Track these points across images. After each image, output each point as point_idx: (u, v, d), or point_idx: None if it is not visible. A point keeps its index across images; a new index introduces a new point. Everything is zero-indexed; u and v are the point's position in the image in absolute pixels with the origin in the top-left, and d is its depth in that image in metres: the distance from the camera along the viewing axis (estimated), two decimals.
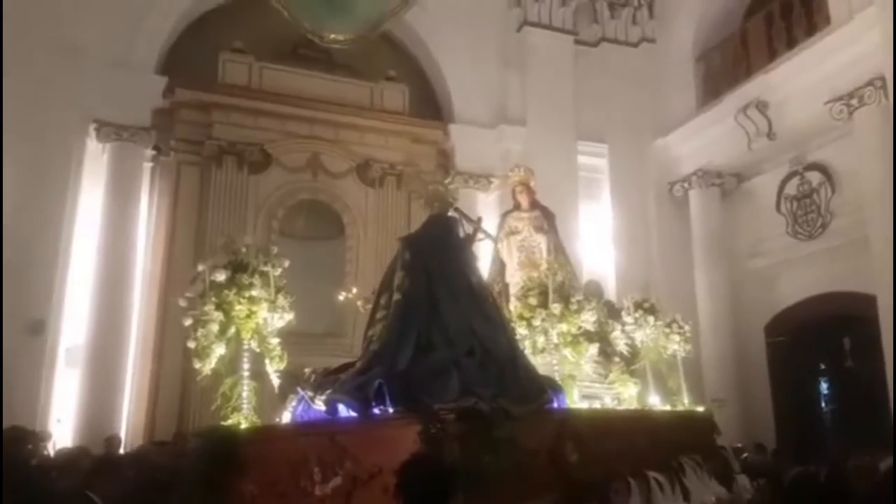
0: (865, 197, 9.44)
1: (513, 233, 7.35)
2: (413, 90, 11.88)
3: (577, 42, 12.63)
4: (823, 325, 10.69)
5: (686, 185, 12.04)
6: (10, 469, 5.14)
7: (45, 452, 7.46)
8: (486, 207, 11.06)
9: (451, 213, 5.67)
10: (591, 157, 12.41)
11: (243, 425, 4.83)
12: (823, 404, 11.27)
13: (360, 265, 10.58)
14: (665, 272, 11.97)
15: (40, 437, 7.46)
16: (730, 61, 11.71)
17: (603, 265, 12.04)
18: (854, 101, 9.41)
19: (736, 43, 11.67)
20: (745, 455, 8.76)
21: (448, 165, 11.66)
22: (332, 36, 10.32)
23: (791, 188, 11.12)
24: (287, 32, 10.66)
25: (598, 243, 12.14)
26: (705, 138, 11.71)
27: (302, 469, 4.05)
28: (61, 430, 9.09)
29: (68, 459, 5.96)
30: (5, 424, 6.61)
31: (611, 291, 11.60)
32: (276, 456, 4.37)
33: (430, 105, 12.36)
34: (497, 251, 7.20)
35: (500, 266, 7.19)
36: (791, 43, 10.54)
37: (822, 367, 11.13)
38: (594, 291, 11.68)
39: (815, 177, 10.84)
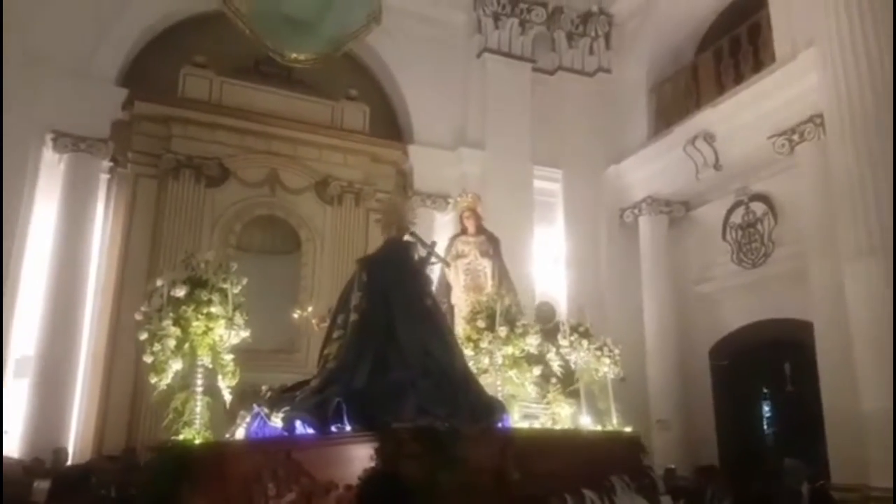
0: (805, 228, 9.86)
1: (459, 256, 7.50)
2: (374, 110, 12.13)
3: (535, 69, 13.04)
4: (765, 349, 11.07)
5: (636, 211, 12.46)
6: None
7: None
8: (442, 227, 11.37)
9: (407, 237, 5.77)
10: (546, 182, 12.75)
11: (196, 440, 4.88)
12: (765, 426, 11.66)
13: (316, 281, 10.73)
14: (614, 295, 12.34)
15: None
16: (681, 94, 12.19)
17: (555, 287, 12.34)
18: (795, 137, 9.82)
19: (687, 76, 12.17)
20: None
21: (406, 185, 11.88)
22: (294, 55, 10.63)
23: (736, 217, 11.55)
24: (249, 48, 10.92)
25: (551, 266, 12.43)
26: (655, 167, 12.15)
27: (255, 485, 4.13)
28: (8, 441, 8.99)
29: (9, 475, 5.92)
30: None
31: (563, 313, 11.88)
32: (229, 472, 4.45)
33: (390, 125, 12.63)
34: (444, 273, 7.39)
35: (446, 288, 7.36)
36: (738, 78, 11.00)
37: (765, 390, 11.53)
38: (547, 313, 12.08)
39: (759, 207, 11.28)
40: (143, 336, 5.11)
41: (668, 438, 11.41)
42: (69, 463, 8.88)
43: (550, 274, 12.41)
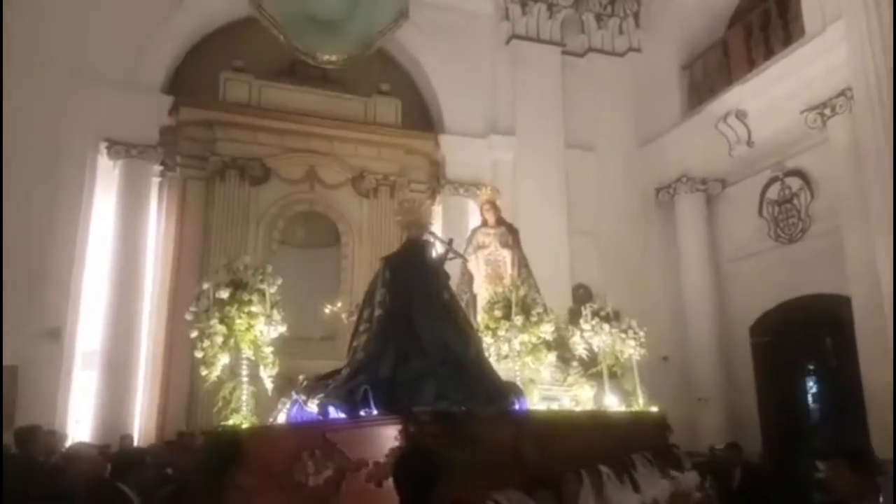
0: (840, 202, 10.08)
1: (480, 247, 8.02)
2: (405, 103, 12.82)
3: (565, 53, 13.51)
4: (806, 325, 11.37)
5: (671, 190, 12.80)
6: (25, 465, 5.92)
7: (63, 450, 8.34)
8: (475, 214, 11.83)
9: (426, 237, 6.25)
10: (578, 164, 13.16)
11: (243, 425, 5.51)
12: (810, 402, 11.84)
13: (355, 271, 11.52)
14: (652, 275, 12.82)
15: (57, 437, 8.33)
16: (712, 70, 12.44)
17: (592, 270, 12.72)
18: (827, 111, 10.03)
19: (718, 53, 12.41)
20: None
21: (439, 175, 12.43)
22: (325, 57, 11.27)
23: (772, 193, 11.82)
24: (284, 51, 11.67)
25: (586, 248, 12.82)
26: (689, 145, 12.49)
27: (296, 463, 4.61)
28: (79, 430, 10.01)
29: (84, 455, 6.77)
30: (28, 425, 7.53)
31: (601, 296, 12.24)
32: (272, 452, 4.94)
33: (421, 117, 13.32)
34: (465, 265, 7.89)
35: (468, 279, 7.92)
36: (768, 53, 11.23)
37: (809, 367, 11.72)
38: (583, 296, 12.49)
39: (795, 182, 11.52)
40: (194, 334, 5.74)
41: (709, 417, 11.74)
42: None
43: (586, 256, 12.77)
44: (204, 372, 5.61)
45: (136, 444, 10.08)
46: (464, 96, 13.06)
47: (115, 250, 10.95)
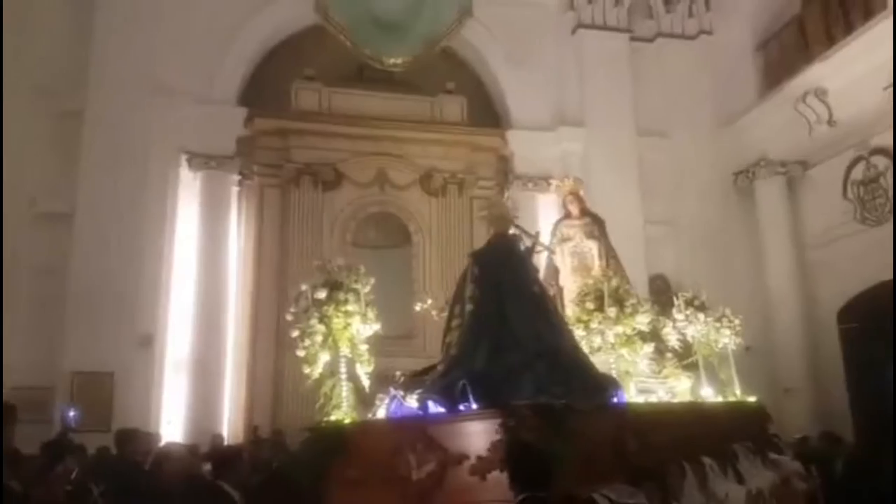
0: None
1: (565, 240, 7.99)
2: (471, 100, 13.02)
3: (633, 39, 13.41)
4: None
5: (750, 175, 12.57)
6: (125, 466, 6.42)
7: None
8: (545, 207, 11.98)
9: (512, 231, 6.33)
10: (652, 152, 13.03)
11: (345, 420, 5.64)
12: None
13: (426, 270, 11.88)
14: (732, 263, 12.56)
15: (153, 438, 8.91)
16: (789, 49, 12.16)
17: (669, 259, 12.57)
18: None
19: (794, 30, 12.13)
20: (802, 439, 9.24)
21: (507, 170, 12.53)
22: (392, 60, 11.54)
23: (857, 173, 11.42)
24: (351, 56, 12.01)
25: (662, 237, 12.67)
26: (767, 127, 12.26)
27: (398, 457, 4.72)
28: (171, 430, 10.65)
29: (175, 453, 7.25)
30: (127, 428, 8.12)
31: (678, 285, 12.08)
32: (375, 446, 5.08)
33: (488, 113, 13.50)
34: (550, 258, 7.86)
35: (553, 272, 7.84)
36: (848, 28, 10.85)
37: None
38: (661, 286, 12.36)
39: (880, 161, 11.13)
40: (295, 333, 5.88)
41: (797, 407, 11.46)
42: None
43: (662, 246, 12.63)
44: (306, 370, 5.77)
45: (225, 442, 10.67)
46: (530, 90, 13.14)
47: (200, 258, 11.64)
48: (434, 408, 5.03)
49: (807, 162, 12.24)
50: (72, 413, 9.56)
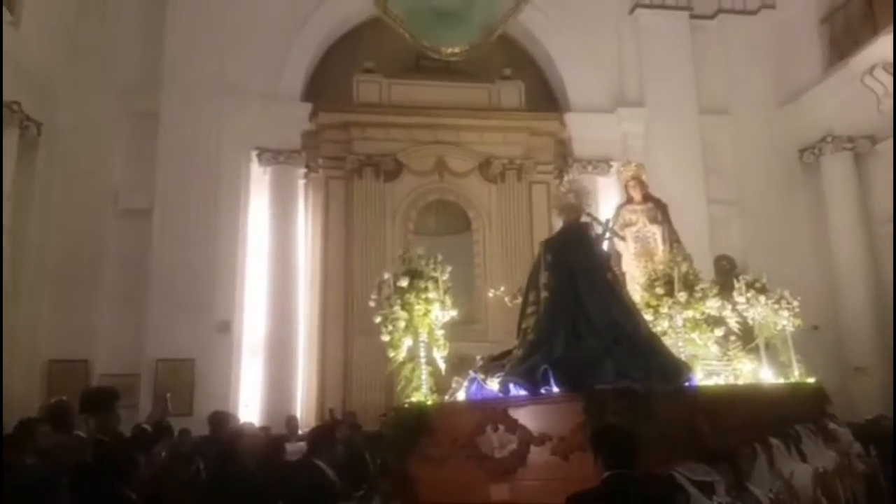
0: None
1: (628, 224, 8.27)
2: (529, 85, 13.39)
3: (693, 16, 13.50)
4: None
5: (816, 151, 12.56)
6: (220, 445, 7.07)
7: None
8: (605, 190, 12.26)
9: (584, 218, 6.60)
10: (714, 130, 13.14)
11: (427, 402, 5.82)
12: None
13: (487, 256, 12.36)
14: (799, 242, 12.64)
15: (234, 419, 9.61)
16: (855, 22, 12.08)
17: (733, 240, 12.63)
18: None
19: (860, 2, 11.92)
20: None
21: (566, 154, 12.78)
22: (450, 50, 11.85)
23: None
24: (409, 47, 12.41)
25: (727, 218, 12.73)
26: (833, 103, 12.27)
27: (480, 436, 5.05)
28: (248, 413, 11.40)
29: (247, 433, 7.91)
30: (207, 411, 8.84)
31: (744, 265, 12.15)
32: (456, 426, 5.34)
33: (546, 97, 13.87)
34: (612, 243, 8.11)
35: (615, 256, 8.07)
36: None
37: None
38: (726, 267, 12.44)
39: None
40: (378, 319, 6.16)
41: (867, 386, 11.45)
42: (299, 430, 10.97)
43: (727, 226, 12.71)
44: (391, 354, 6.06)
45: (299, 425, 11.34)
46: (588, 72, 13.45)
47: (271, 248, 12.40)
48: (515, 390, 5.33)
49: (875, 136, 12.13)
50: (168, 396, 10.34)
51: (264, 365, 11.97)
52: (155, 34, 12.04)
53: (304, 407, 12.07)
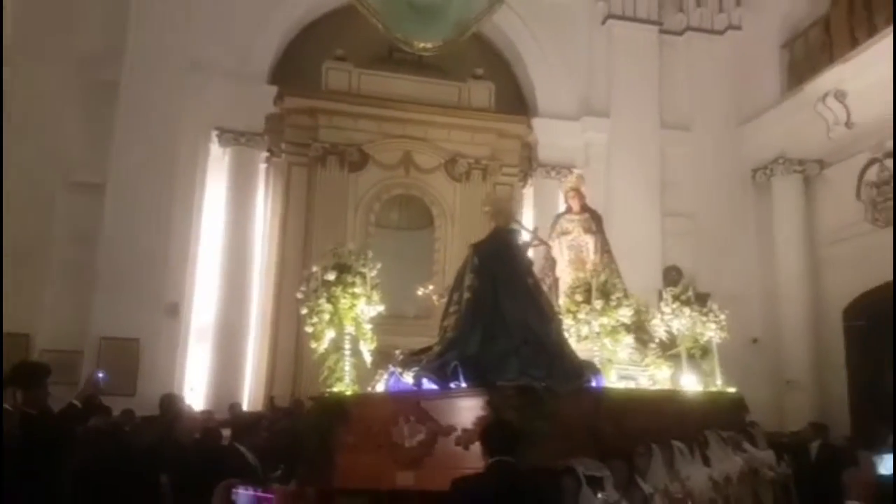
0: None
1: (564, 233, 8.59)
2: (499, 86, 13.68)
3: (662, 31, 14.06)
4: None
5: (768, 171, 13.22)
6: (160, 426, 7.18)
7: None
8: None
9: (512, 226, 7.04)
10: (673, 145, 13.67)
11: (346, 392, 6.37)
12: None
13: (447, 253, 12.57)
14: (746, 257, 13.33)
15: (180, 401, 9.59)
16: (814, 49, 12.74)
17: (684, 251, 13.15)
18: None
19: (820, 30, 12.61)
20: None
21: (531, 158, 13.05)
22: (422, 44, 11.92)
23: (871, 175, 11.98)
24: (382, 38, 12.33)
25: (679, 229, 13.25)
26: (787, 126, 12.93)
27: (393, 427, 5.46)
28: (194, 397, 11.32)
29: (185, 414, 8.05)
30: (154, 393, 8.84)
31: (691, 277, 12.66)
32: (372, 416, 5.77)
33: (515, 100, 14.20)
34: (548, 249, 8.55)
35: (551, 263, 8.54)
36: (872, 31, 11.30)
37: None
38: (675, 278, 12.94)
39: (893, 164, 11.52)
40: (304, 311, 6.60)
41: (798, 400, 12.12)
42: None
43: (679, 238, 13.25)
44: (313, 345, 6.45)
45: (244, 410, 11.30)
46: (558, 78, 13.84)
47: (227, 232, 12.33)
48: (428, 384, 5.73)
49: (823, 161, 12.89)
50: (101, 375, 10.17)
51: (212, 349, 11.93)
52: (120, 2, 11.68)
53: (252, 394, 12.08)
